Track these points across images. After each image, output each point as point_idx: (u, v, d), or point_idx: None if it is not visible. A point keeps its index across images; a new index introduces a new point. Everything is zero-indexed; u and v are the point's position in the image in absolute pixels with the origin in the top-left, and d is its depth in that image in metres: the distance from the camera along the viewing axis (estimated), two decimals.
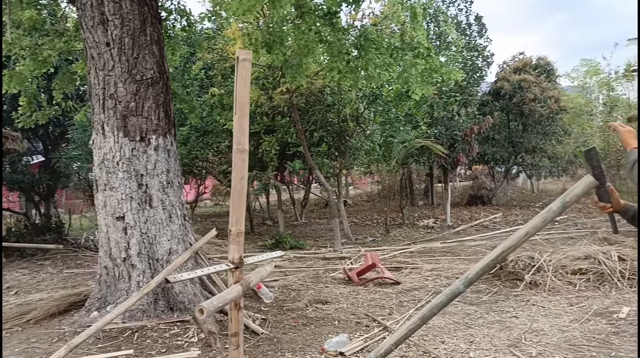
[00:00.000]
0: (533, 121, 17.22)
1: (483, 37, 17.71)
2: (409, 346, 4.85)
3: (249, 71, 3.80)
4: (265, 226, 15.06)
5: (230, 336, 3.89)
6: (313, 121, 11.40)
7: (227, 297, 3.63)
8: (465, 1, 17.65)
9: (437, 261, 8.86)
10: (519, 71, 17.86)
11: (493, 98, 17.74)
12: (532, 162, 18.38)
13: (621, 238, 8.40)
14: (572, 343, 4.75)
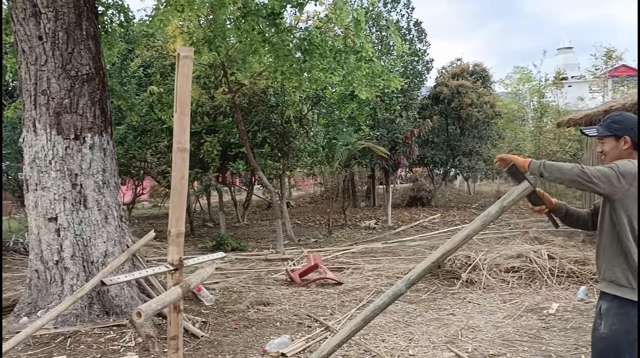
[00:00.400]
0: (470, 125, 17.78)
1: (423, 42, 18.14)
2: (350, 345, 4.88)
3: (190, 68, 3.73)
4: (206, 228, 14.81)
5: (169, 339, 3.79)
6: (256, 122, 11.32)
7: (166, 300, 3.54)
8: (406, 7, 18.04)
9: (379, 261, 8.98)
10: (457, 77, 18.41)
11: (433, 102, 18.21)
12: (468, 165, 18.99)
13: (551, 238, 8.81)
14: (505, 338, 4.94)
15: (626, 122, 2.84)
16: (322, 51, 6.99)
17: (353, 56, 7.33)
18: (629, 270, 2.71)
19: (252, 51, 7.36)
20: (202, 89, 11.05)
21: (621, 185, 2.66)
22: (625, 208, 2.70)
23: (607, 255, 2.80)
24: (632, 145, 2.81)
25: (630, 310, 2.70)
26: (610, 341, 2.70)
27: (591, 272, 6.67)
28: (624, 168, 2.67)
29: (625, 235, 2.71)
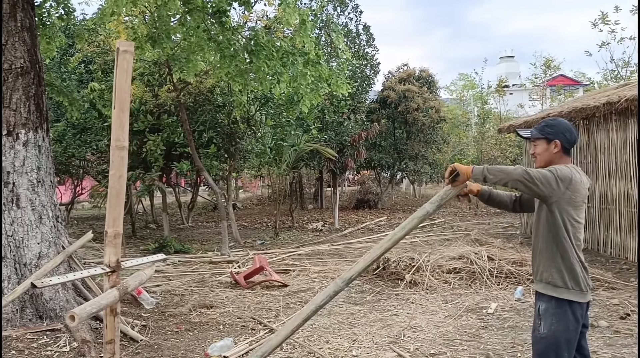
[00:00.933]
0: (416, 129, 18.10)
1: (371, 47, 18.35)
2: (294, 347, 4.86)
3: (130, 63, 3.61)
4: (148, 229, 14.44)
5: (105, 344, 3.66)
6: (202, 121, 11.12)
7: (102, 303, 3.41)
8: (355, 11, 18.22)
9: (325, 263, 8.99)
10: (404, 81, 18.71)
11: (380, 106, 18.43)
12: (414, 168, 19.33)
13: (491, 240, 9.06)
14: (446, 338, 5.02)
15: (559, 127, 2.95)
16: (268, 52, 6.91)
17: (300, 58, 7.30)
18: (565, 270, 2.83)
19: (196, 49, 7.20)
20: (145, 86, 10.76)
21: (559, 188, 2.77)
22: (561, 211, 2.81)
23: (543, 257, 2.90)
24: (562, 149, 2.93)
25: (567, 309, 2.81)
26: (550, 341, 2.79)
27: (528, 273, 6.89)
28: (561, 172, 2.78)
29: (562, 236, 2.83)
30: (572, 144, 2.97)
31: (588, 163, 9.40)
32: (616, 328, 5.12)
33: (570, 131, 2.96)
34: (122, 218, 3.62)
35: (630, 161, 8.24)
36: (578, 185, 2.82)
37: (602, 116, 8.83)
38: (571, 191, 2.80)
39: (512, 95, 32.58)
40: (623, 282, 6.90)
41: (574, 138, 2.97)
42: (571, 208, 2.83)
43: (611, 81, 18.96)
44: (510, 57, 55.75)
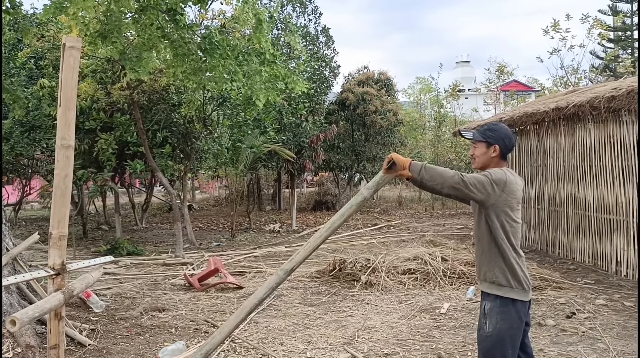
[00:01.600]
0: (374, 131, 18.26)
1: (330, 49, 18.41)
2: (248, 350, 4.81)
3: (77, 60, 3.50)
4: (100, 231, 14.06)
5: (48, 349, 3.54)
6: (156, 121, 10.90)
7: (46, 306, 3.29)
8: (315, 13, 18.25)
9: (281, 264, 8.92)
10: (363, 84, 18.85)
11: (339, 108, 18.51)
12: (372, 170, 19.47)
13: (445, 241, 9.20)
14: (399, 338, 5.07)
15: (499, 132, 3.04)
16: (222, 51, 6.82)
17: (256, 58, 7.24)
18: (507, 270, 2.90)
19: (149, 46, 7.04)
20: (98, 84, 10.47)
21: (494, 192, 2.83)
22: (499, 214, 2.89)
23: (486, 258, 2.96)
24: (500, 154, 3.02)
25: (511, 307, 2.87)
26: (495, 339, 2.86)
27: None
28: (496, 175, 2.86)
29: (500, 237, 2.90)
30: (509, 150, 3.07)
31: (538, 166, 9.68)
32: (562, 326, 5.28)
33: (509, 137, 3.05)
34: (67, 219, 3.51)
35: (577, 165, 8.52)
36: (513, 186, 2.90)
37: (551, 121, 9.10)
38: (507, 194, 2.87)
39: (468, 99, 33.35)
40: (570, 282, 7.12)
41: (512, 144, 3.07)
42: (508, 210, 2.90)
43: (561, 87, 19.60)
44: (466, 62, 57.02)
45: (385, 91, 19.07)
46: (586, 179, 8.32)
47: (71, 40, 3.43)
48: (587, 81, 21.22)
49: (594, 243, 8.14)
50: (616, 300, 6.18)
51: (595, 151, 8.08)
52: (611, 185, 7.72)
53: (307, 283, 7.51)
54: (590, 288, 6.80)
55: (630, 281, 7.08)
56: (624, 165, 7.44)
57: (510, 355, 2.88)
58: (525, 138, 10.13)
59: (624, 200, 7.42)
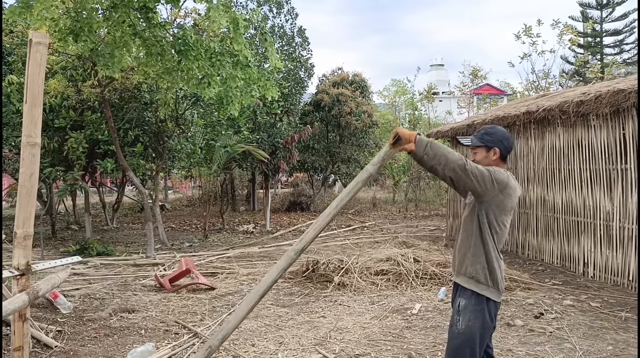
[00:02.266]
0: (349, 133, 18.32)
1: (306, 50, 18.41)
2: (219, 351, 4.76)
3: (44, 56, 3.43)
4: (70, 231, 13.79)
5: (12, 350, 3.47)
6: (128, 119, 10.74)
7: (9, 308, 3.21)
8: (291, 13, 18.21)
9: (254, 265, 8.90)
10: (338, 85, 18.90)
11: (314, 109, 18.52)
12: (347, 171, 19.55)
13: (417, 242, 9.29)
14: (371, 338, 5.09)
15: (497, 135, 3.08)
16: (197, 53, 6.75)
17: (230, 59, 7.18)
18: (487, 268, 2.95)
19: (120, 44, 6.93)
20: (68, 81, 10.26)
21: (493, 189, 2.87)
22: (491, 212, 2.93)
23: (470, 252, 2.99)
24: (500, 156, 3.07)
25: (485, 306, 2.93)
26: (467, 336, 2.90)
27: (451, 274, 7.10)
28: (499, 175, 2.89)
29: (488, 236, 2.94)
30: (509, 152, 3.11)
31: (508, 168, 9.81)
32: (530, 327, 5.36)
33: (507, 139, 3.10)
34: (32, 218, 3.43)
35: (547, 168, 8.68)
36: (511, 191, 2.94)
37: (522, 124, 9.25)
38: (504, 196, 2.91)
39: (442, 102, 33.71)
40: (538, 283, 7.25)
41: (511, 145, 3.11)
42: (500, 212, 2.94)
43: (532, 91, 19.97)
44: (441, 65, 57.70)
45: (360, 93, 19.16)
46: (555, 182, 8.48)
47: (38, 36, 3.36)
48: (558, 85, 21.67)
49: (562, 244, 8.30)
50: (583, 301, 6.30)
51: (564, 155, 8.24)
52: (579, 188, 7.89)
53: (279, 284, 7.48)
54: (558, 289, 6.93)
55: (597, 282, 7.24)
56: (592, 168, 7.60)
57: (478, 354, 2.93)
58: None
59: (592, 203, 7.59)
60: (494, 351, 4.62)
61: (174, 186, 26.54)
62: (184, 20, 8.65)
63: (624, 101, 6.65)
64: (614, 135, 7.15)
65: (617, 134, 7.11)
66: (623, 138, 7.00)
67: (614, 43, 31.96)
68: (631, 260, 6.78)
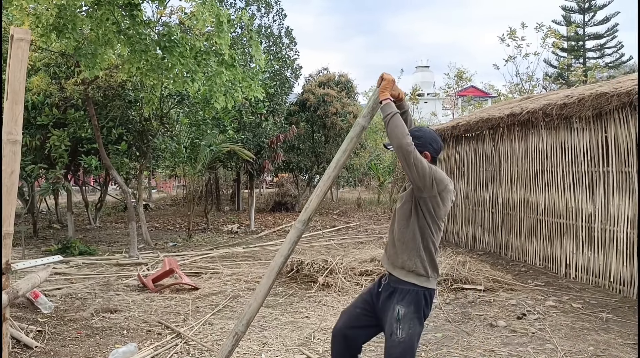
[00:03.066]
0: (334, 133, 18.33)
1: (292, 50, 18.38)
2: (202, 352, 4.74)
3: (25, 52, 3.37)
4: (52, 229, 13.63)
5: None
6: (112, 117, 10.63)
7: None
8: (279, 14, 18.18)
9: (238, 265, 8.87)
10: (323, 85, 18.90)
11: (300, 109, 18.50)
12: None
13: None
14: None
15: (425, 138, 3.05)
16: (182, 50, 6.70)
17: (214, 57, 7.14)
18: (427, 261, 2.94)
19: (104, 42, 6.85)
20: (51, 78, 10.14)
21: (432, 187, 2.86)
22: (429, 210, 2.92)
23: (408, 247, 2.96)
24: (432, 158, 3.03)
25: (420, 314, 2.93)
26: (408, 345, 2.88)
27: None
28: (439, 174, 2.90)
29: (427, 231, 2.93)
30: (438, 153, 3.09)
31: (493, 170, 9.90)
32: (513, 327, 5.40)
33: (435, 140, 3.07)
34: (12, 216, 3.38)
35: (530, 170, 8.76)
36: (447, 195, 2.94)
37: (506, 126, 9.33)
38: (441, 198, 2.91)
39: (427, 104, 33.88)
40: (521, 284, 7.31)
41: (439, 146, 3.09)
42: (437, 211, 2.93)
43: (516, 93, 20.15)
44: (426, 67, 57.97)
45: (345, 93, 19.18)
46: (538, 184, 8.56)
47: (20, 32, 3.31)
48: (541, 88, 21.90)
49: (544, 246, 8.38)
50: (565, 302, 6.37)
51: (547, 157, 8.33)
52: (562, 190, 7.97)
53: None
54: (541, 290, 7.00)
55: (579, 284, 7.32)
56: (574, 171, 7.69)
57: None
58: (481, 142, 10.35)
59: (574, 205, 7.67)
60: (476, 352, 4.68)
61: (158, 186, 26.37)
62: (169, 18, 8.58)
63: (606, 104, 6.74)
64: (596, 138, 7.24)
65: (599, 137, 7.20)
66: (605, 140, 7.10)
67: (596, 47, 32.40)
68: (612, 262, 6.87)
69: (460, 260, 7.65)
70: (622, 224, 6.72)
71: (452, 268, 7.25)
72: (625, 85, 6.67)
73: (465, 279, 7.05)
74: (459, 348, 4.83)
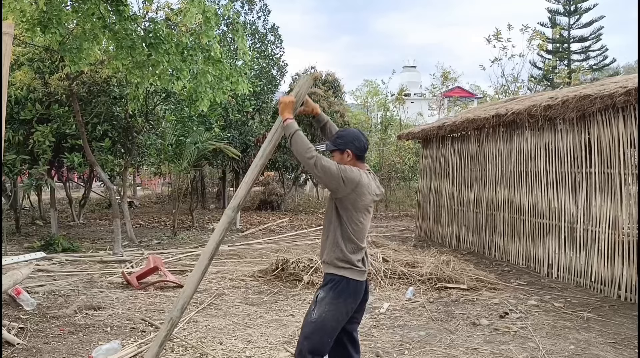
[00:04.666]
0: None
1: (278, 47, 18.35)
2: (186, 349, 4.73)
3: (9, 46, 3.35)
4: (35, 226, 13.48)
5: None
6: (96, 113, 10.54)
7: None
8: (264, 11, 18.15)
9: (223, 263, 8.85)
10: None
11: None
12: None
13: (387, 242, 9.35)
14: None
15: (347, 138, 3.26)
16: (167, 47, 6.67)
17: (201, 54, 7.11)
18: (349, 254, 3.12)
19: (90, 37, 6.78)
20: (35, 73, 10.03)
21: (345, 187, 3.05)
22: (345, 209, 3.11)
23: (330, 242, 3.18)
24: (355, 156, 3.24)
25: (338, 302, 3.10)
26: (318, 325, 3.08)
27: (419, 274, 7.19)
28: (350, 173, 3.07)
29: (346, 229, 3.12)
30: (362, 151, 3.28)
31: (478, 170, 9.99)
32: (495, 326, 5.46)
33: (358, 139, 3.26)
34: None
35: (514, 171, 8.85)
36: (364, 189, 3.12)
37: (491, 127, 9.42)
38: (356, 195, 3.08)
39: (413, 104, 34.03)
40: (504, 283, 7.38)
41: (362, 144, 3.27)
42: (353, 210, 3.12)
43: (501, 94, 20.32)
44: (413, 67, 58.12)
45: (332, 92, 19.18)
46: (522, 185, 8.66)
47: (4, 26, 3.28)
48: (526, 89, 22.11)
49: (527, 246, 8.47)
50: (547, 301, 6.45)
51: (531, 158, 8.42)
52: (545, 191, 8.07)
53: (249, 283, 7.45)
54: (523, 289, 7.08)
55: (560, 283, 7.42)
56: (558, 171, 7.78)
57: (328, 344, 3.13)
58: (466, 143, 10.44)
59: (557, 205, 7.77)
60: (459, 350, 4.72)
61: (143, 183, 26.17)
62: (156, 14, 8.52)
63: (589, 106, 6.83)
64: (580, 139, 7.34)
65: (582, 139, 7.29)
66: (588, 142, 7.19)
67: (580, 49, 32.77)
68: (594, 262, 6.97)
69: (444, 260, 7.70)
70: (604, 224, 6.82)
71: (436, 268, 7.30)
72: (608, 87, 6.76)
73: (449, 278, 7.10)
74: (442, 346, 4.87)
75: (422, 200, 12.31)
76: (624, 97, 6.25)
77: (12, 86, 9.55)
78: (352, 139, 3.23)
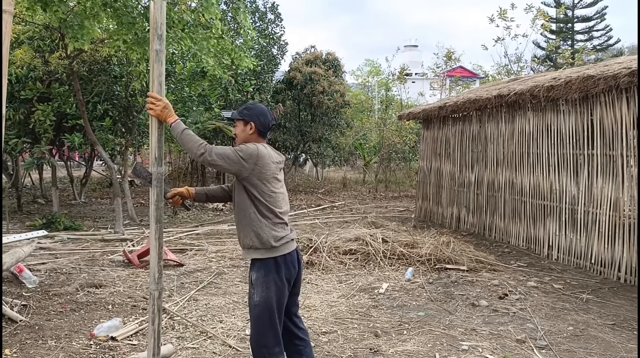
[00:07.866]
0: (321, 112, 18.23)
1: (278, 26, 18.17)
2: (186, 327, 4.77)
3: (9, 24, 3.31)
4: (36, 204, 13.51)
5: None
6: (97, 92, 10.49)
7: None
8: None
9: (223, 243, 8.88)
10: (311, 64, 18.72)
11: (286, 87, 18.35)
12: (318, 151, 19.52)
13: (386, 223, 9.38)
14: (338, 316, 5.15)
15: (255, 111, 3.27)
16: (169, 22, 6.61)
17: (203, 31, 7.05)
18: (261, 233, 3.12)
19: (91, 15, 6.71)
20: (35, 51, 9.95)
21: (247, 165, 3.06)
22: (255, 185, 3.11)
23: (243, 225, 3.17)
24: (257, 131, 3.24)
25: (273, 273, 3.13)
26: (263, 306, 3.12)
27: (418, 254, 7.22)
28: (246, 149, 3.08)
29: (260, 205, 3.12)
30: (266, 127, 3.28)
31: (479, 151, 9.96)
32: (495, 307, 5.50)
33: (264, 115, 3.28)
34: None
35: (516, 152, 8.83)
36: (266, 160, 3.13)
37: (493, 107, 9.36)
38: (260, 166, 3.09)
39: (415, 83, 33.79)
40: (504, 264, 7.42)
41: (267, 121, 3.28)
42: (262, 183, 3.12)
43: (504, 75, 20.17)
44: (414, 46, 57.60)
45: (332, 72, 19.02)
46: (523, 166, 8.64)
47: (3, 4, 3.23)
48: (529, 70, 21.95)
49: (528, 227, 8.49)
50: (546, 283, 6.48)
51: (533, 139, 8.39)
52: (546, 172, 8.05)
53: (248, 262, 7.48)
54: (523, 271, 7.11)
55: (560, 265, 7.45)
56: (559, 153, 7.76)
57: (277, 318, 3.16)
58: (467, 123, 10.39)
59: (558, 187, 7.76)
60: (458, 330, 4.75)
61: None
62: None
63: (592, 87, 6.78)
64: (582, 120, 7.30)
65: (585, 120, 7.26)
66: (590, 123, 7.16)
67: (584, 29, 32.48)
68: (594, 244, 6.99)
69: (444, 241, 7.73)
70: (604, 206, 6.82)
71: (435, 249, 7.33)
72: (612, 68, 6.71)
73: (448, 259, 7.13)
74: (441, 327, 4.90)
75: (423, 181, 12.30)
76: (627, 78, 6.20)
77: (12, 65, 9.49)
78: (258, 113, 3.25)
